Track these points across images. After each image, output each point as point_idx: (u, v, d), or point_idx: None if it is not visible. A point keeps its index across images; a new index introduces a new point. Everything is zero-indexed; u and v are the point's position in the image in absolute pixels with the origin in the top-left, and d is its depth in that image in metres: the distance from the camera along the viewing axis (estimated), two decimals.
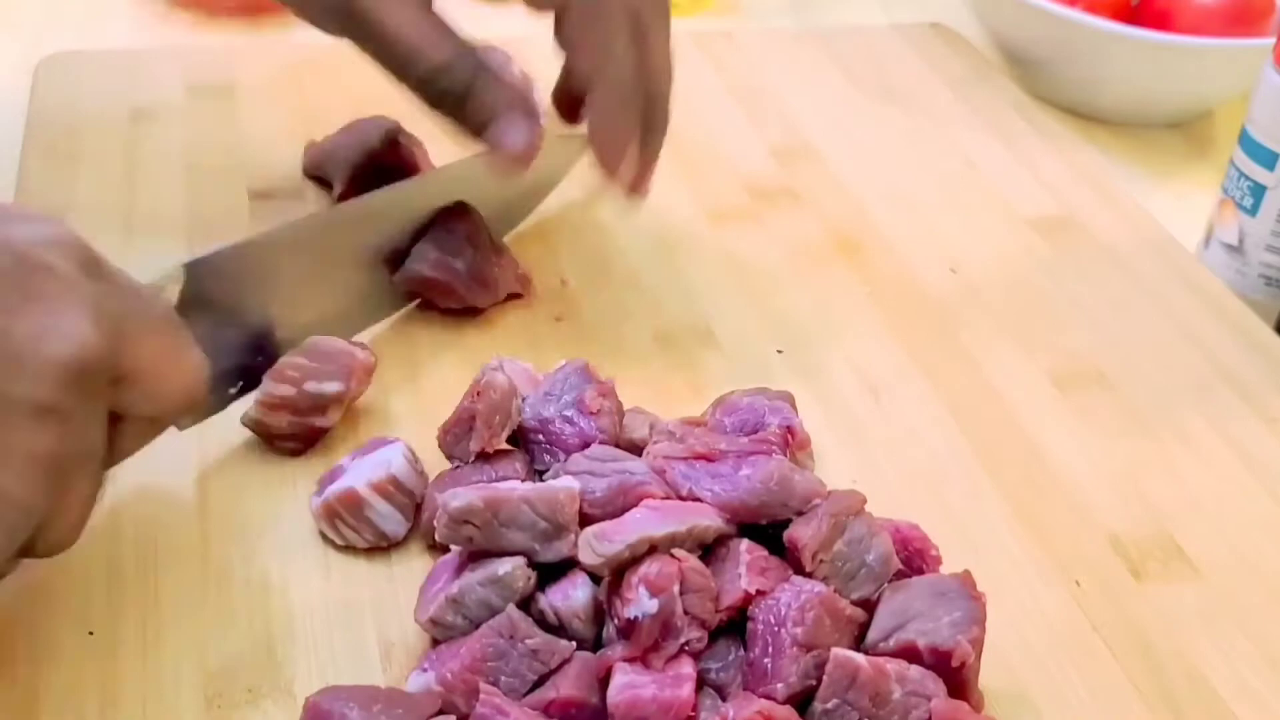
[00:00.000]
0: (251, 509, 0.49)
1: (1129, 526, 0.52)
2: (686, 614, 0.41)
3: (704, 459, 0.45)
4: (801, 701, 0.41)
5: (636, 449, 0.48)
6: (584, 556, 0.42)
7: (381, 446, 0.49)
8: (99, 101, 0.72)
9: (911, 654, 0.41)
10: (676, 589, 0.41)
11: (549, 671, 0.42)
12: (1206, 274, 0.68)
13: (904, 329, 0.62)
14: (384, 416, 0.54)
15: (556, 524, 0.43)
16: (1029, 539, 0.51)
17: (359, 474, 0.48)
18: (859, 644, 0.42)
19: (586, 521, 0.44)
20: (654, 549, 0.41)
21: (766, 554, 0.43)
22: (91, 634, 0.44)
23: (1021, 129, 0.79)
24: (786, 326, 0.61)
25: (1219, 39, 0.79)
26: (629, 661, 0.41)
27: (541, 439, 0.49)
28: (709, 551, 0.44)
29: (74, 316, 0.40)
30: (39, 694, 0.42)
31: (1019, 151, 0.77)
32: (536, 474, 0.48)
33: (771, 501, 0.44)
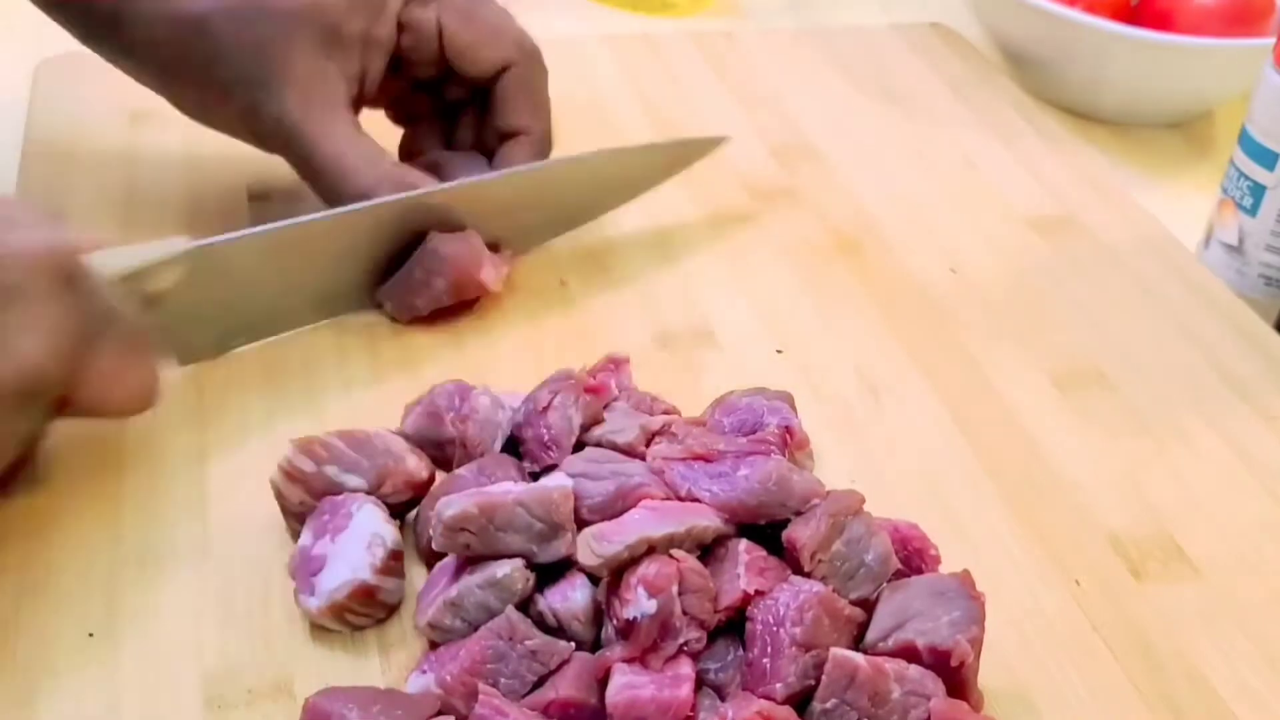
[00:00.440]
0: (252, 508, 0.49)
1: (1129, 526, 0.52)
2: (685, 614, 0.41)
3: (703, 459, 0.45)
4: (800, 701, 0.41)
5: (624, 453, 0.48)
6: (583, 557, 0.42)
7: (347, 512, 0.45)
8: (98, 102, 0.72)
9: (910, 654, 0.41)
10: (675, 589, 0.41)
11: (548, 673, 0.42)
12: (1206, 274, 0.68)
13: (904, 329, 0.62)
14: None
15: (552, 524, 0.43)
16: (1029, 539, 0.51)
17: (350, 557, 0.44)
18: (858, 644, 0.42)
19: (585, 524, 0.43)
20: (652, 550, 0.41)
21: (765, 554, 0.43)
22: (91, 635, 0.44)
23: (1021, 129, 0.79)
24: (786, 326, 0.61)
25: (1219, 39, 0.79)
26: (628, 662, 0.41)
27: (532, 438, 0.49)
28: (708, 552, 0.44)
29: (28, 340, 0.42)
30: (39, 694, 0.42)
31: (1019, 151, 0.77)
32: (531, 476, 0.48)
33: (770, 502, 0.44)
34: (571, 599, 0.43)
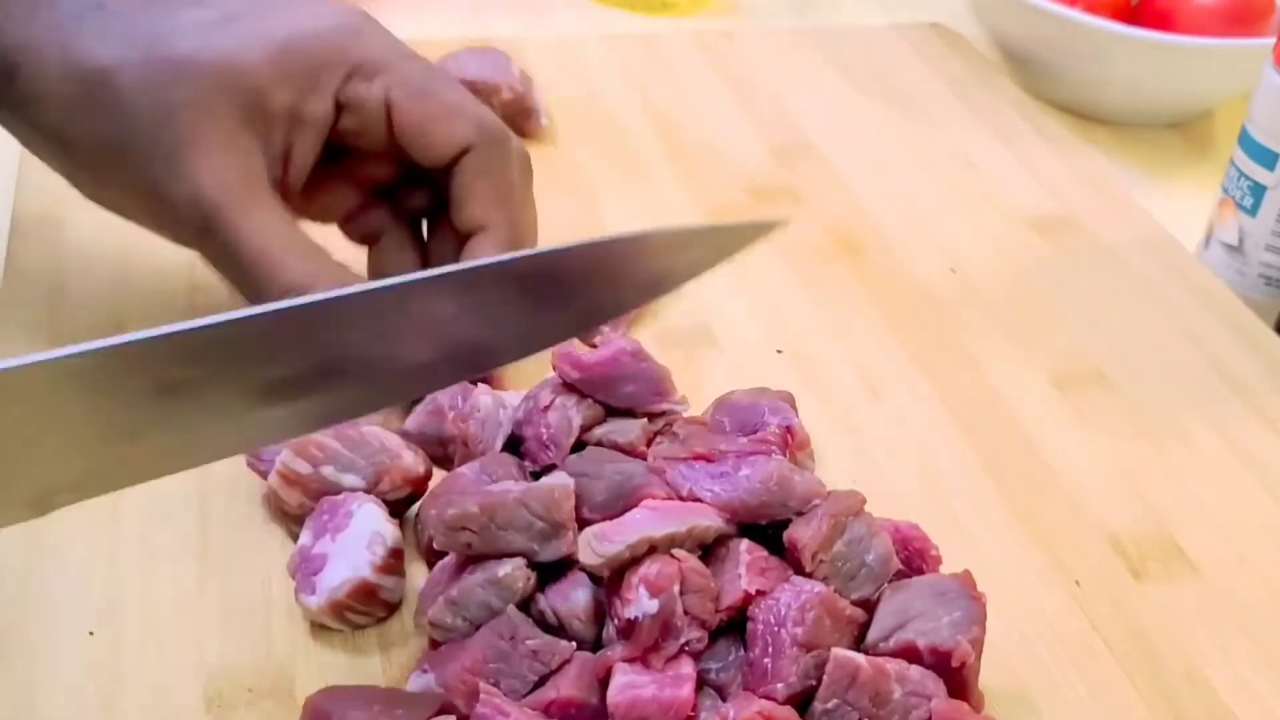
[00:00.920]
0: (252, 508, 0.49)
1: (1129, 526, 0.52)
2: (686, 614, 0.41)
3: (704, 459, 0.45)
4: (801, 702, 0.41)
5: (625, 452, 0.48)
6: (584, 557, 0.42)
7: (347, 511, 0.45)
8: None
9: (911, 654, 0.41)
10: (676, 589, 0.41)
11: (549, 672, 0.42)
12: (1206, 274, 0.68)
13: (904, 329, 0.62)
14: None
15: (553, 523, 0.43)
16: (1029, 539, 0.51)
17: (351, 556, 0.44)
18: (859, 644, 0.42)
19: (586, 523, 0.43)
20: (654, 549, 0.41)
21: (766, 554, 0.43)
22: (91, 634, 0.44)
23: (1021, 129, 0.79)
24: (786, 326, 0.61)
25: (1219, 39, 0.79)
26: (629, 662, 0.41)
27: (532, 438, 0.49)
28: (709, 552, 0.44)
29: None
30: (39, 694, 0.42)
31: (1019, 151, 0.77)
32: (532, 476, 0.48)
33: (771, 502, 0.44)
34: (573, 598, 0.43)
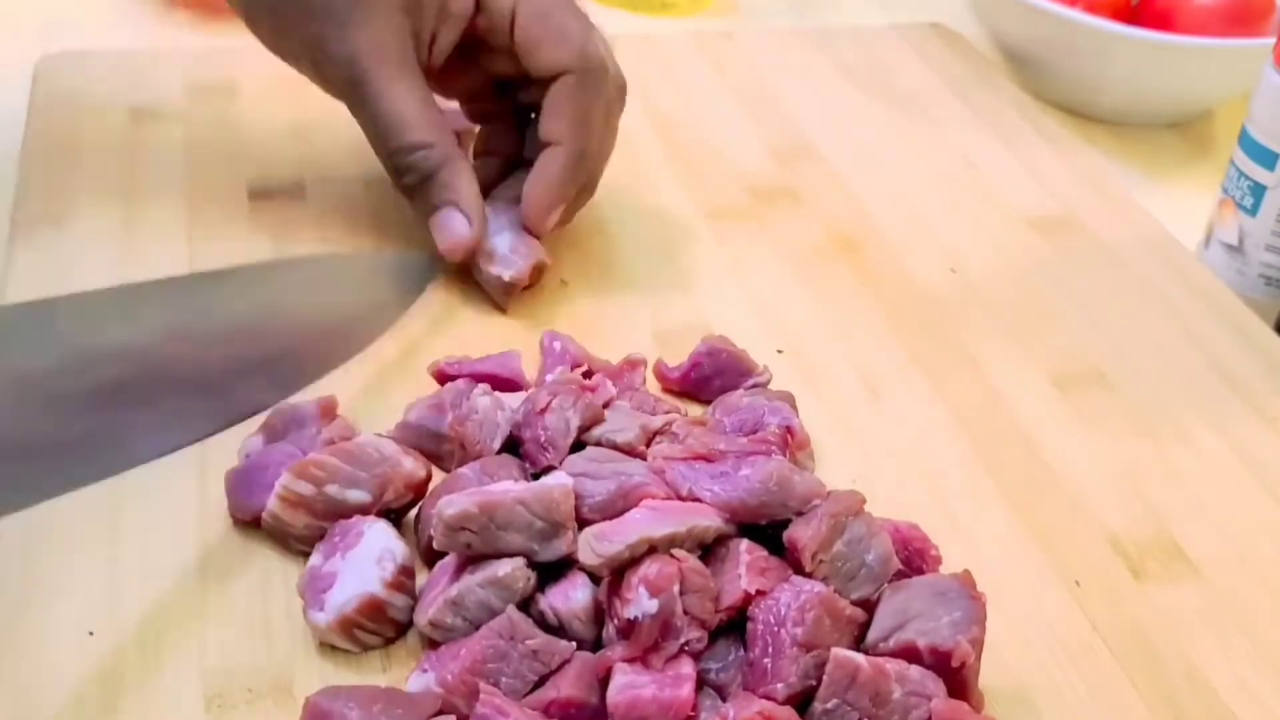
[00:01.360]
0: None
1: (1129, 526, 0.52)
2: (686, 614, 0.41)
3: (704, 459, 0.45)
4: (801, 702, 0.41)
5: (625, 452, 0.48)
6: (584, 557, 0.42)
7: (358, 531, 0.45)
8: (99, 101, 0.72)
9: (911, 654, 0.41)
10: (676, 589, 0.41)
11: (549, 672, 0.42)
12: (1206, 274, 0.68)
13: (904, 329, 0.62)
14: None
15: (553, 522, 0.43)
16: (1029, 539, 0.51)
17: (361, 573, 0.44)
18: (859, 644, 0.42)
19: (585, 523, 0.43)
20: (653, 549, 0.41)
21: (766, 554, 0.43)
22: (91, 634, 0.44)
23: (1021, 129, 0.79)
24: (786, 326, 0.61)
25: (1219, 39, 0.79)
26: (629, 662, 0.41)
27: (530, 439, 0.49)
28: (708, 551, 0.44)
29: None
30: (39, 694, 0.42)
31: (1019, 151, 0.77)
32: (532, 476, 0.48)
33: (771, 502, 0.44)
34: (573, 599, 0.43)
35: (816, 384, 0.58)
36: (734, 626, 0.43)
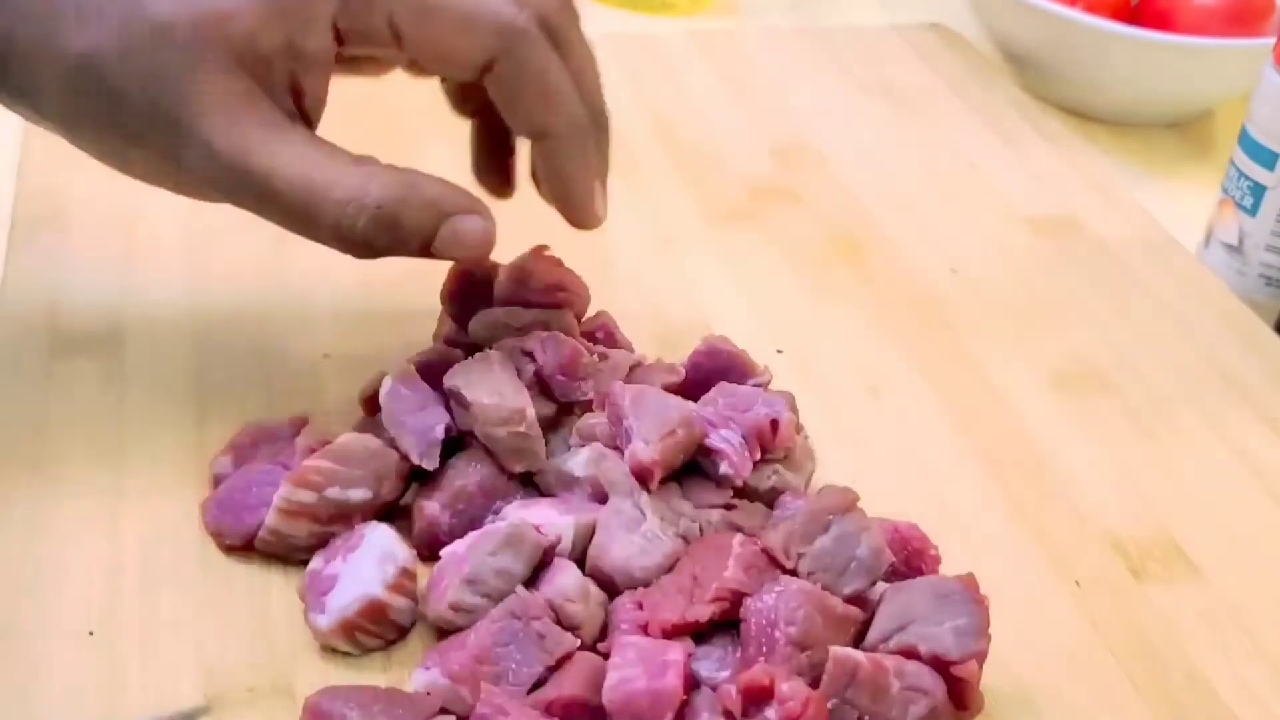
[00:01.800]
0: None
1: (1129, 526, 0.52)
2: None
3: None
4: None
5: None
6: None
7: (360, 534, 0.45)
8: None
9: (912, 659, 0.41)
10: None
11: (552, 665, 0.42)
12: (1206, 274, 0.68)
13: (904, 329, 0.62)
14: None
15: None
16: (1029, 539, 0.51)
17: (362, 574, 0.44)
18: (858, 644, 0.42)
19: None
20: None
21: (757, 550, 0.44)
22: (91, 634, 0.44)
23: (1021, 129, 0.79)
24: (786, 326, 0.61)
25: (1219, 39, 0.79)
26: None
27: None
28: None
29: None
30: (39, 694, 0.42)
31: (1019, 151, 0.77)
32: (521, 478, 0.49)
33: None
34: (559, 583, 0.43)
35: (816, 384, 0.58)
36: (732, 626, 0.43)
